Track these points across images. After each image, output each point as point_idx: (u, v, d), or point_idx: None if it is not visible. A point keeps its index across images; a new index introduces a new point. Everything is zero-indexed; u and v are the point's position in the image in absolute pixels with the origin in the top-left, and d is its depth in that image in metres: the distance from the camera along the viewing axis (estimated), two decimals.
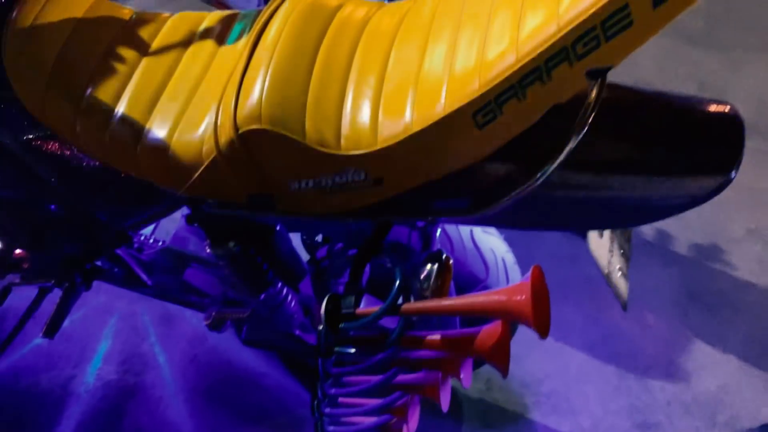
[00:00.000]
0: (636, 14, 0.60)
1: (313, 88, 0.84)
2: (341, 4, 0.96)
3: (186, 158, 0.87)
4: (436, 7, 0.88)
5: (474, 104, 0.72)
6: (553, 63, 0.66)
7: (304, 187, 0.83)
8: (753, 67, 2.71)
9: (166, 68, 0.96)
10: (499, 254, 1.18)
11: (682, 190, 0.80)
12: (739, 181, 2.23)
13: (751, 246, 2.00)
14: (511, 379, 1.61)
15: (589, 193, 0.82)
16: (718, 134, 0.80)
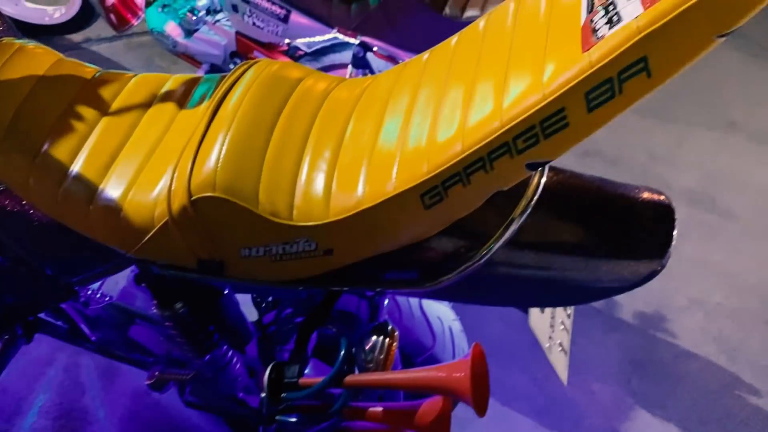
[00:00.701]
0: (572, 117, 0.64)
1: (269, 158, 0.86)
2: (303, 76, 0.99)
3: (138, 220, 0.87)
4: (393, 86, 0.92)
5: (422, 186, 0.75)
6: (495, 155, 0.70)
7: (254, 255, 0.84)
8: (699, 142, 2.84)
9: (125, 129, 0.97)
10: (446, 322, 1.20)
11: (618, 274, 0.83)
12: (683, 252, 2.32)
13: (693, 316, 2.06)
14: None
15: (530, 272, 0.85)
16: (652, 223, 0.84)
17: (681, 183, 2.57)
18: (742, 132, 2.99)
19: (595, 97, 0.62)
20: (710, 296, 2.13)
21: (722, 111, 3.08)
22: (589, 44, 0.62)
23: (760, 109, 3.20)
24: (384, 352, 0.88)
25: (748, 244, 2.37)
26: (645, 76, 0.60)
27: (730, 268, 2.25)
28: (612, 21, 0.61)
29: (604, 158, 2.57)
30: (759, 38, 3.70)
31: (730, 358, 1.96)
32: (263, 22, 1.73)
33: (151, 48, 2.41)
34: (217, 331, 1.02)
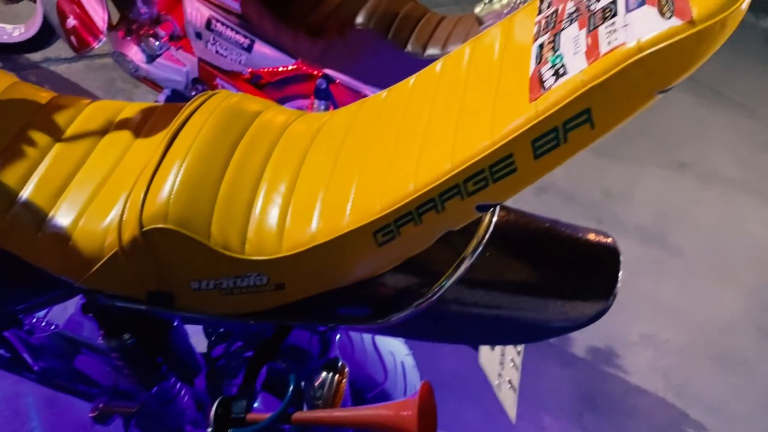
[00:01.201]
0: (519, 163, 0.66)
1: (224, 191, 0.86)
2: (262, 109, 0.99)
3: (87, 250, 0.86)
4: (351, 122, 0.93)
5: (375, 224, 0.76)
6: (446, 196, 0.71)
7: (204, 288, 0.83)
8: (652, 181, 2.93)
9: (79, 155, 0.96)
10: (398, 357, 1.20)
11: (565, 314, 0.85)
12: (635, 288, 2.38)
13: (643, 352, 2.11)
14: None
15: (480, 310, 0.86)
16: (599, 265, 0.86)
17: (634, 220, 2.64)
18: (692, 172, 3.10)
19: (542, 145, 0.64)
20: (660, 332, 2.18)
21: (673, 151, 3.19)
22: (537, 94, 0.64)
23: (708, 150, 3.32)
24: (333, 389, 0.88)
25: (696, 282, 2.44)
26: (588, 127, 0.62)
27: (679, 305, 2.31)
28: (558, 73, 0.63)
29: (560, 194, 2.63)
30: (709, 82, 3.86)
31: (677, 394, 2.00)
32: (227, 51, 1.74)
33: (112, 70, 2.39)
34: (165, 363, 1.01)
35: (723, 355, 2.16)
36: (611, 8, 0.63)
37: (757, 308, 2.41)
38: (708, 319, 2.29)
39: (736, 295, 2.44)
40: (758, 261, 2.66)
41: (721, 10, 0.56)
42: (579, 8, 0.67)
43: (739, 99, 3.93)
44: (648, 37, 0.58)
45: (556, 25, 0.69)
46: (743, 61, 4.46)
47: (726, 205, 2.96)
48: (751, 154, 3.42)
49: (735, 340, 2.24)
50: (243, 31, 1.70)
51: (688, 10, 0.57)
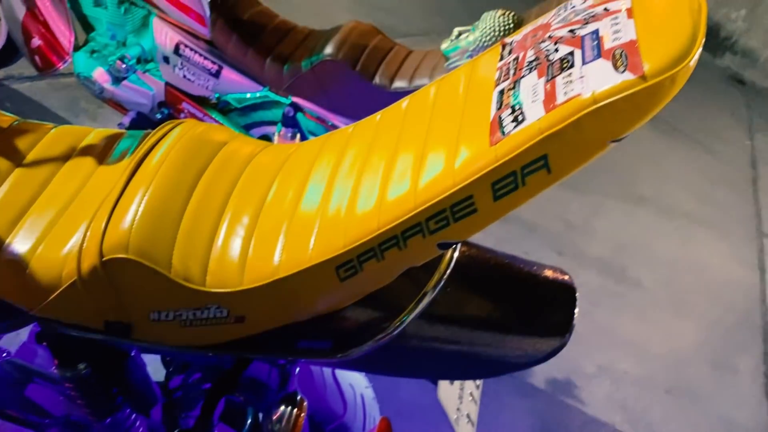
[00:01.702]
0: (479, 204, 0.68)
1: (186, 221, 0.85)
2: (228, 140, 1.00)
3: (44, 278, 0.84)
4: (317, 155, 0.94)
5: (338, 259, 0.77)
6: (408, 234, 0.72)
7: (163, 319, 0.83)
8: (612, 214, 3.00)
9: (40, 181, 0.94)
10: (358, 390, 1.20)
11: (522, 350, 0.87)
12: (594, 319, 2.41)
13: (601, 383, 2.14)
14: None
15: (440, 345, 0.87)
16: (556, 301, 0.88)
17: (594, 252, 2.70)
18: (651, 206, 3.19)
19: (501, 187, 0.66)
20: (617, 364, 2.22)
21: (633, 185, 3.28)
22: (497, 139, 0.66)
23: (667, 184, 3.42)
24: (291, 423, 0.87)
25: (653, 314, 2.49)
26: (545, 172, 0.64)
27: (637, 337, 2.35)
28: (517, 120, 0.65)
29: (523, 225, 2.67)
30: (668, 118, 3.99)
31: (633, 426, 2.03)
32: (194, 76, 1.74)
33: (75, 90, 2.36)
34: (120, 394, 0.99)
35: (678, 388, 2.21)
36: (569, 59, 0.66)
37: (711, 341, 2.47)
38: (664, 351, 2.34)
39: (691, 327, 2.50)
40: (713, 294, 2.74)
41: (671, 66, 0.59)
42: (539, 57, 0.70)
43: (696, 135, 4.07)
44: (602, 90, 0.60)
45: (517, 72, 0.72)
46: (701, 99, 4.62)
47: (683, 239, 3.04)
48: (708, 188, 3.53)
49: (690, 372, 2.29)
50: (211, 57, 1.71)
51: (640, 65, 0.59)
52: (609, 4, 0.70)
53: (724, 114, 4.68)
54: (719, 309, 2.66)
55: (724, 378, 2.32)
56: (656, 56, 0.60)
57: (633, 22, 0.65)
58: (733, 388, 2.29)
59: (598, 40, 0.65)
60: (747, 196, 3.64)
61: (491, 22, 1.41)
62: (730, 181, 3.71)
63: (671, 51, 0.60)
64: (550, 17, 0.78)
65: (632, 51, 0.61)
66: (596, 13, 0.70)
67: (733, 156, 4.05)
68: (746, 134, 4.47)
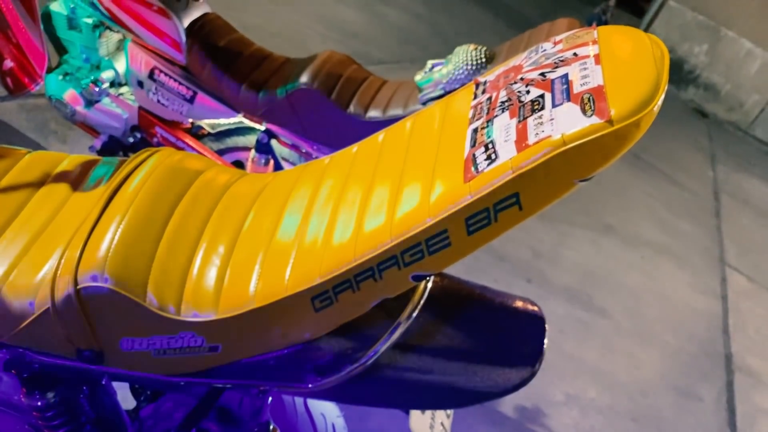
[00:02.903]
0: (453, 238, 0.70)
1: (162, 250, 0.86)
2: (204, 168, 1.00)
3: (16, 305, 0.84)
4: (294, 185, 0.95)
5: (313, 290, 0.78)
6: (384, 266, 0.74)
7: (137, 348, 0.82)
8: (578, 242, 3.06)
9: (13, 207, 0.94)
10: (329, 419, 1.20)
11: (492, 380, 0.88)
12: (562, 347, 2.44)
13: (568, 411, 2.16)
14: None
15: (412, 375, 0.88)
16: (526, 332, 0.90)
17: (561, 280, 2.74)
18: (617, 235, 3.26)
19: (474, 222, 0.68)
20: (585, 392, 2.25)
21: (600, 214, 3.35)
22: (470, 176, 0.68)
23: (633, 214, 3.51)
24: None
25: (619, 343, 2.54)
26: (517, 209, 0.67)
27: (603, 366, 2.39)
28: (491, 158, 0.68)
29: (492, 253, 2.71)
30: (634, 148, 4.09)
31: None
32: (168, 101, 1.74)
33: (46, 111, 2.34)
34: (88, 423, 0.97)
35: (644, 416, 2.24)
36: (539, 101, 0.68)
37: (675, 369, 2.52)
38: (629, 379, 2.38)
39: (656, 356, 2.55)
40: (676, 323, 2.80)
41: (636, 111, 0.62)
42: (511, 98, 0.73)
43: (661, 166, 4.18)
44: (571, 132, 0.63)
45: (490, 111, 0.74)
46: (665, 130, 4.76)
47: (648, 268, 3.11)
48: (671, 218, 3.63)
49: (655, 400, 2.33)
50: (186, 82, 1.71)
51: (606, 110, 0.62)
52: (578, 50, 0.73)
53: (687, 145, 4.83)
54: (683, 338, 2.73)
55: (688, 406, 2.37)
56: (622, 102, 0.63)
57: (600, 68, 0.68)
58: (697, 417, 2.34)
59: (567, 84, 0.68)
60: (709, 226, 3.74)
61: (464, 56, 1.45)
62: (693, 211, 3.82)
63: (636, 97, 0.63)
64: (522, 59, 0.81)
65: (599, 96, 0.64)
66: (566, 58, 0.73)
67: (697, 187, 4.18)
68: (709, 165, 4.62)
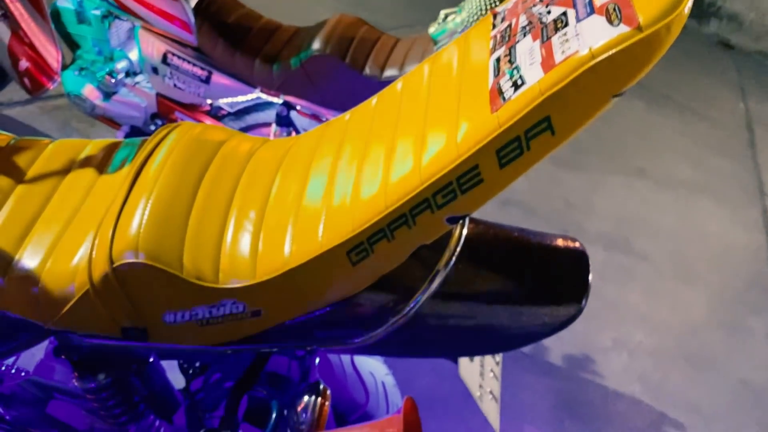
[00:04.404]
0: (485, 173, 0.68)
1: (193, 222, 0.85)
2: (226, 138, 1.00)
3: (56, 291, 0.84)
4: (317, 146, 0.94)
5: (348, 243, 0.77)
6: (416, 211, 0.72)
7: (179, 320, 0.83)
8: (611, 189, 3.00)
9: (42, 196, 0.94)
10: (378, 377, 1.20)
11: (539, 319, 0.87)
12: (604, 294, 2.40)
13: (617, 356, 2.14)
14: None
15: (457, 322, 0.87)
16: (569, 269, 0.88)
17: (597, 228, 2.70)
18: (649, 177, 3.19)
19: (506, 154, 0.66)
20: (632, 336, 2.22)
21: (630, 159, 3.28)
22: (497, 106, 0.66)
23: (664, 155, 3.42)
24: (316, 412, 0.87)
25: (662, 285, 2.50)
26: (549, 134, 0.64)
27: (648, 309, 2.35)
28: (516, 84, 0.65)
29: (524, 207, 2.67)
30: (658, 88, 3.99)
31: (653, 395, 2.03)
32: (184, 84, 1.74)
33: (67, 111, 2.36)
34: (142, 402, 0.98)
35: (694, 355, 2.21)
36: (562, 19, 0.65)
37: (721, 306, 2.47)
38: (676, 320, 2.34)
39: (701, 295, 2.50)
40: (718, 260, 2.74)
41: (665, 15, 0.59)
42: (531, 21, 0.70)
43: (689, 103, 4.07)
44: (599, 44, 0.60)
45: (511, 38, 0.71)
46: (690, 67, 4.63)
47: (684, 207, 3.04)
48: (704, 155, 3.53)
49: (705, 338, 2.29)
50: (200, 63, 1.70)
51: (634, 16, 0.59)
52: None
53: (715, 80, 4.68)
54: (727, 274, 2.67)
55: (739, 341, 2.32)
56: (649, 6, 0.60)
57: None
58: (750, 350, 2.30)
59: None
60: (745, 159, 3.64)
61: (477, 1, 1.41)
62: (726, 146, 3.72)
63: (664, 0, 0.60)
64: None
65: (625, 4, 0.61)
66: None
67: (728, 121, 4.06)
68: (739, 98, 4.48)
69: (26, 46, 1.69)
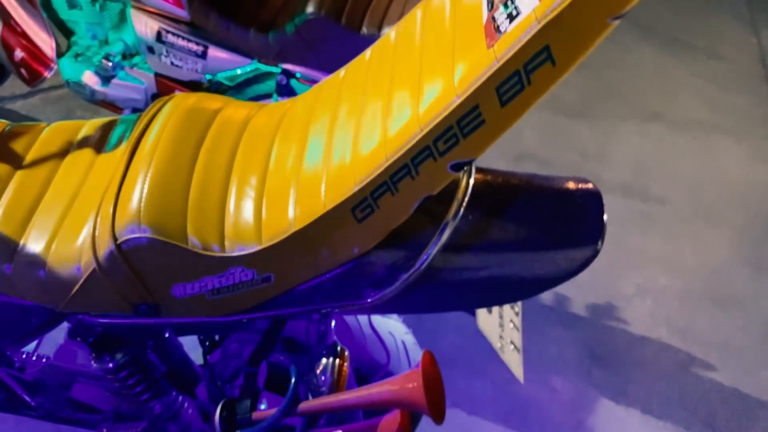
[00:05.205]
0: (486, 114, 0.65)
1: (194, 192, 0.84)
2: (221, 106, 0.98)
3: (64, 273, 0.84)
4: (313, 107, 0.92)
5: (352, 200, 0.75)
6: (418, 160, 0.70)
7: (189, 293, 0.82)
8: (626, 136, 2.94)
9: (42, 180, 0.93)
10: (398, 337, 1.19)
11: (555, 264, 0.84)
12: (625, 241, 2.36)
13: (641, 302, 2.11)
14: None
15: (470, 273, 0.85)
16: (582, 210, 0.86)
17: (613, 176, 2.65)
18: (664, 121, 3.11)
19: (506, 91, 0.63)
20: (655, 281, 2.19)
21: (643, 103, 3.20)
22: (493, 40, 0.63)
23: (677, 97, 3.34)
24: (335, 373, 0.86)
25: (683, 228, 2.45)
26: (550, 65, 0.61)
27: (671, 253, 2.32)
28: (512, 15, 0.62)
29: (538, 161, 2.63)
30: (668, 30, 3.88)
31: (681, 338, 2.01)
32: (181, 61, 1.71)
33: (69, 100, 2.35)
34: (162, 378, 0.98)
35: (720, 295, 2.17)
36: None
37: (745, 245, 2.42)
38: (700, 262, 2.30)
39: (723, 234, 2.45)
40: (740, 199, 2.68)
41: None
42: None
43: (700, 43, 3.96)
44: None
45: None
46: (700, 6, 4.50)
47: (701, 149, 2.98)
48: (718, 94, 3.45)
49: (729, 278, 2.25)
50: (195, 38, 1.67)
51: None
52: None
53: (725, 16, 4.55)
54: (749, 212, 2.61)
55: (765, 278, 2.28)
56: None
57: None
58: None
59: None
60: (761, 94, 3.54)
61: None
62: (741, 82, 3.62)
63: None
64: None
65: None
66: None
67: (741, 57, 3.94)
68: (751, 33, 4.34)
69: (19, 36, 1.68)
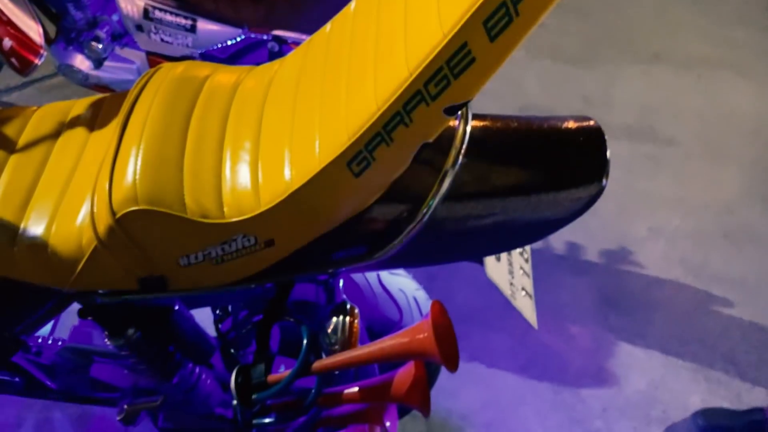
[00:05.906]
0: (476, 50, 0.63)
1: (189, 161, 0.83)
2: (209, 73, 0.96)
3: (66, 252, 0.83)
4: (302, 65, 0.90)
5: (346, 154, 0.73)
6: (410, 106, 0.68)
7: (194, 262, 0.81)
8: (628, 78, 2.89)
9: (37, 163, 0.93)
10: (409, 293, 1.19)
11: (560, 204, 0.83)
12: (634, 185, 2.34)
13: (655, 244, 2.10)
14: (450, 415, 1.60)
15: (475, 222, 0.84)
16: (584, 148, 0.84)
17: (620, 121, 2.61)
18: (667, 61, 3.06)
19: (494, 24, 0.61)
20: (668, 222, 2.17)
21: (644, 45, 3.14)
22: None
23: (678, 35, 3.27)
24: (347, 331, 0.86)
25: (693, 167, 2.42)
26: None
27: (682, 193, 2.29)
28: None
29: (542, 110, 2.59)
30: None
31: (696, 277, 1.99)
32: (171, 37, 1.69)
33: (64, 87, 2.33)
34: (177, 350, 0.99)
35: (734, 231, 2.15)
36: None
37: (757, 180, 2.39)
38: (712, 199, 2.28)
39: (734, 171, 2.42)
40: (749, 134, 2.64)
41: None
42: None
43: None
44: None
45: None
46: None
47: (708, 86, 2.92)
48: (720, 29, 3.37)
49: (743, 214, 2.23)
50: (182, 12, 1.65)
51: None
52: None
53: None
54: (759, 147, 2.57)
55: None
56: None
57: None
58: None
59: None
60: (764, 25, 3.46)
61: None
62: (744, 15, 3.53)
63: None
64: None
65: None
66: None
67: None
68: None
69: (6, 25, 1.65)
